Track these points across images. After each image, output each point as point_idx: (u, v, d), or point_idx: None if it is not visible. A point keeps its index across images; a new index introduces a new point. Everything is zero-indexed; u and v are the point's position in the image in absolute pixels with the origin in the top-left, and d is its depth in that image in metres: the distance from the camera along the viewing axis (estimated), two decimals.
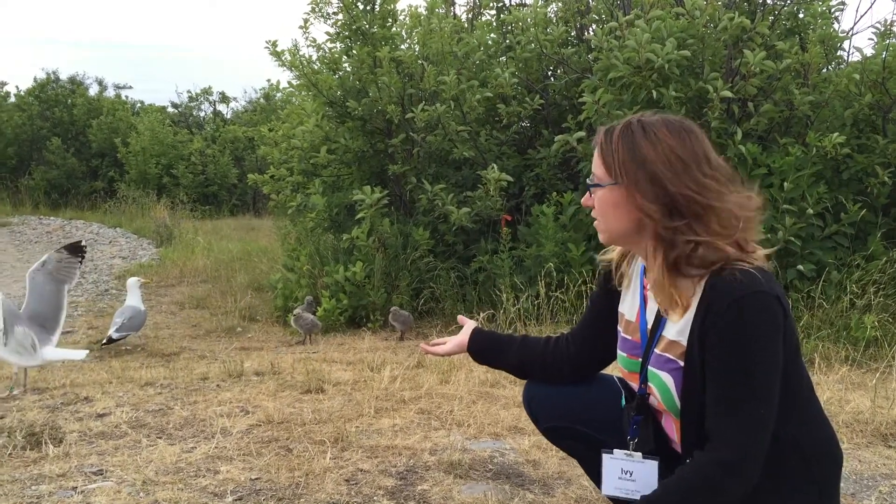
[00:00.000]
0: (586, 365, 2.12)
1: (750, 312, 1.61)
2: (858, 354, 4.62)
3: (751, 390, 1.63)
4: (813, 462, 1.75)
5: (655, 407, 1.86)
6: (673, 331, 1.76)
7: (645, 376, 1.84)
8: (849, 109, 5.53)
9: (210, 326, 6.71)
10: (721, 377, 1.65)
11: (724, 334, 1.63)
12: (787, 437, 1.70)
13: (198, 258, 9.94)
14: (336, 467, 2.97)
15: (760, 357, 1.62)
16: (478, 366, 4.43)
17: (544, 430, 2.18)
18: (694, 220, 1.68)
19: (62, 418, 3.66)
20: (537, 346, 2.16)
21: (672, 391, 1.77)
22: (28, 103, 17.96)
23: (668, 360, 1.77)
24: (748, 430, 1.63)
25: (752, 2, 6.30)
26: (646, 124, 1.74)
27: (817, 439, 1.77)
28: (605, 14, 6.91)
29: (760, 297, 1.62)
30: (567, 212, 5.98)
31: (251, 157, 16.89)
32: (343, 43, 7.23)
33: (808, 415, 1.78)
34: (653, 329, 1.83)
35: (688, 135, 1.73)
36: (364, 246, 6.36)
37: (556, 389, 2.13)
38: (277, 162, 8.01)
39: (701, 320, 1.67)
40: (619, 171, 1.73)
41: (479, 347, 2.24)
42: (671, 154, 1.69)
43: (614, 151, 1.74)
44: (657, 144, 1.70)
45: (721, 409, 1.65)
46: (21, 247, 12.17)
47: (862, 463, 3.09)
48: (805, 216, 5.18)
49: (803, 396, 1.77)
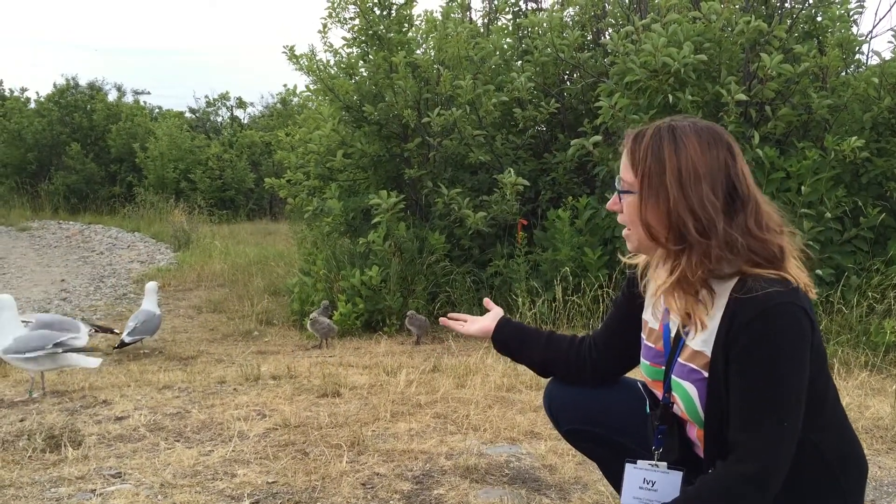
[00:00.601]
0: (609, 369, 2.10)
1: (776, 323, 1.59)
2: (878, 360, 4.58)
3: (776, 403, 1.60)
4: (837, 469, 1.73)
5: (679, 416, 1.84)
6: (698, 341, 1.73)
7: (669, 385, 1.82)
8: (868, 113, 5.48)
9: (227, 330, 6.75)
10: (746, 389, 1.62)
11: (750, 345, 1.60)
12: (809, 444, 1.68)
13: (215, 262, 10.00)
14: (352, 471, 2.98)
15: (786, 369, 1.59)
16: (494, 370, 4.45)
17: (565, 433, 2.17)
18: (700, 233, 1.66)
19: (81, 421, 3.69)
20: (562, 344, 2.14)
21: (696, 401, 1.74)
22: (48, 109, 18.13)
23: (693, 370, 1.74)
24: (772, 442, 1.60)
25: (769, 5, 6.27)
26: (676, 130, 1.72)
27: (840, 447, 1.75)
28: (622, 18, 6.90)
29: (787, 307, 1.59)
30: (583, 216, 5.97)
31: (268, 162, 16.97)
32: (360, 48, 7.26)
33: (834, 423, 1.76)
34: (676, 338, 1.80)
35: (717, 146, 1.70)
36: (380, 250, 6.38)
37: (578, 392, 2.12)
38: (294, 166, 8.04)
39: (726, 330, 1.65)
40: (644, 180, 1.72)
41: (505, 338, 2.21)
42: (690, 165, 1.67)
43: (642, 159, 1.73)
44: (682, 153, 1.68)
45: (745, 420, 1.62)
46: (41, 251, 12.28)
47: (882, 469, 3.07)
48: (823, 220, 5.15)
49: (828, 404, 1.74)
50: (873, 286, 5.02)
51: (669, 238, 1.71)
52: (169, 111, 19.26)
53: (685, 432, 1.88)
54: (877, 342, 4.73)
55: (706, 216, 1.65)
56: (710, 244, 1.65)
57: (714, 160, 1.68)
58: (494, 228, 6.38)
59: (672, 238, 1.70)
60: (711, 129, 1.73)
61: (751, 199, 1.69)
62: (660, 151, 1.70)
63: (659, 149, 1.70)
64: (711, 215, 1.65)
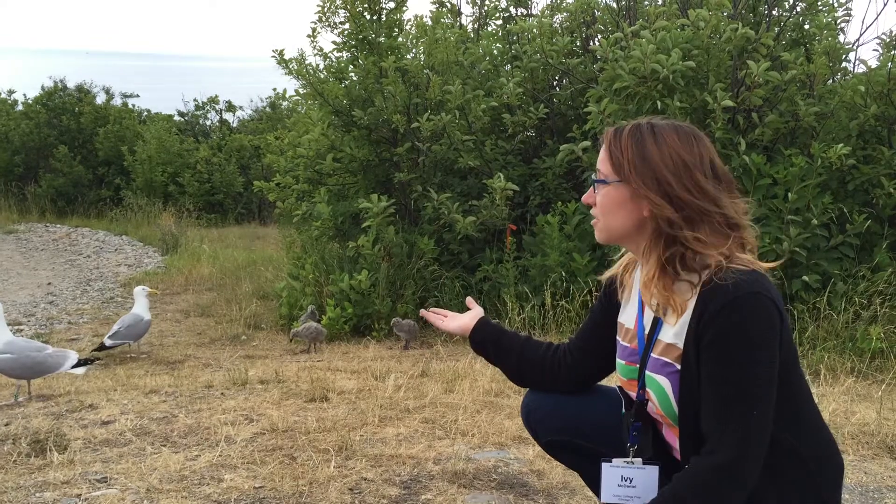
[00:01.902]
0: (585, 375, 2.11)
1: (745, 313, 1.62)
2: (864, 366, 4.61)
3: (745, 391, 1.62)
4: (813, 468, 1.74)
5: (654, 415, 1.86)
6: (670, 334, 1.76)
7: (643, 382, 1.84)
8: (854, 120, 5.53)
9: (215, 334, 6.72)
10: (716, 378, 1.64)
11: (719, 335, 1.63)
12: (785, 443, 1.70)
13: (203, 266, 9.96)
14: (340, 476, 2.97)
15: (755, 358, 1.62)
16: (482, 375, 4.45)
17: (544, 444, 2.17)
18: (690, 222, 1.70)
19: (67, 425, 3.67)
20: (538, 350, 2.15)
21: (670, 396, 1.76)
22: (35, 111, 18.02)
23: (666, 363, 1.77)
24: (743, 432, 1.61)
25: (757, 13, 6.32)
26: (655, 126, 1.78)
27: (816, 445, 1.77)
28: (611, 25, 6.93)
29: (756, 297, 1.62)
30: (572, 221, 5.98)
31: (257, 166, 16.92)
32: (349, 52, 7.26)
33: (807, 419, 1.77)
34: (650, 333, 1.83)
35: (695, 140, 1.76)
36: (369, 254, 6.37)
37: (555, 402, 2.12)
38: (283, 170, 8.03)
39: (696, 322, 1.67)
40: (627, 170, 1.76)
41: (482, 338, 2.21)
42: (676, 156, 1.73)
43: (623, 150, 1.78)
44: (663, 146, 1.74)
45: (716, 410, 1.64)
46: (27, 254, 12.20)
47: (868, 475, 3.08)
48: (810, 227, 5.18)
49: (801, 402, 1.76)
50: (859, 292, 5.05)
51: (658, 226, 1.74)
52: (158, 114, 19.16)
53: (660, 433, 1.90)
54: (863, 348, 4.76)
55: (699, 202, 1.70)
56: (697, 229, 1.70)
57: (694, 152, 1.74)
58: (483, 233, 6.38)
59: (660, 226, 1.74)
60: (688, 126, 1.81)
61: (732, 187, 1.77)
62: (642, 143, 1.76)
63: (641, 141, 1.76)
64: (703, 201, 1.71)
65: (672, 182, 1.71)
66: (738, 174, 5.31)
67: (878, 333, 4.75)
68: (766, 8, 6.25)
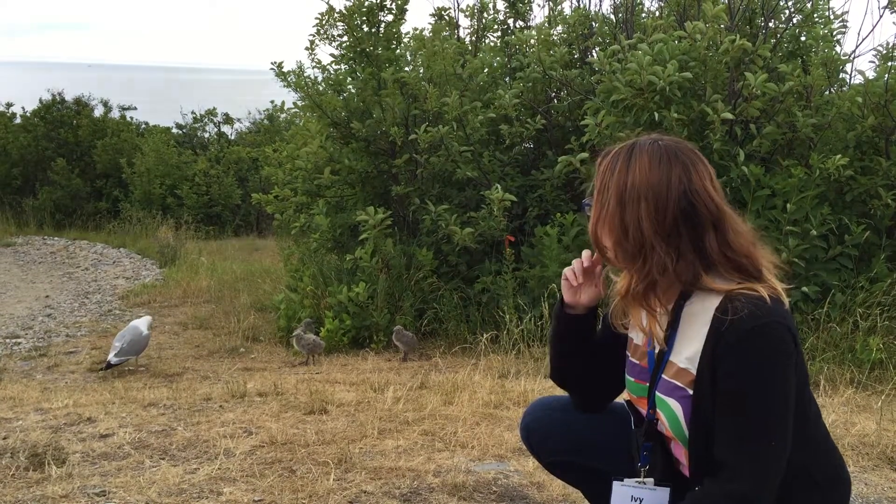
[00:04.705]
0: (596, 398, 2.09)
1: (763, 344, 1.60)
2: (864, 377, 4.61)
3: (765, 423, 1.61)
4: (822, 487, 1.74)
5: (664, 433, 1.84)
6: (682, 358, 1.74)
7: (653, 402, 1.82)
8: (852, 132, 5.55)
9: (213, 347, 6.71)
10: (734, 409, 1.63)
11: (738, 366, 1.61)
12: (795, 462, 1.68)
13: (201, 278, 9.95)
14: (339, 489, 2.96)
15: (775, 390, 1.60)
16: (481, 387, 4.44)
17: (547, 465, 2.16)
18: (637, 254, 1.71)
19: (65, 439, 3.65)
20: None
21: (680, 419, 1.75)
22: (34, 124, 18.02)
23: (677, 387, 1.75)
24: (763, 462, 1.60)
25: (753, 25, 6.34)
26: (636, 149, 1.75)
27: (826, 464, 1.76)
28: (608, 37, 6.96)
29: (773, 327, 1.61)
30: (570, 233, 5.98)
31: (255, 178, 16.93)
32: (348, 64, 7.28)
33: (816, 440, 1.77)
34: (660, 354, 1.81)
35: (670, 164, 1.71)
36: (367, 266, 6.37)
37: (555, 422, 2.10)
38: (281, 182, 8.04)
39: (711, 349, 1.65)
40: (597, 194, 1.78)
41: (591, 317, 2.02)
42: (633, 183, 1.71)
43: (602, 173, 1.78)
44: (630, 171, 1.72)
45: (733, 441, 1.63)
46: (25, 267, 12.18)
47: (868, 486, 3.08)
48: (809, 238, 5.19)
49: (811, 421, 1.76)
50: (858, 303, 5.05)
51: (615, 253, 1.76)
52: (156, 127, 19.18)
53: (669, 450, 1.88)
54: (862, 359, 4.76)
55: (638, 234, 1.69)
56: (647, 262, 1.70)
57: (662, 179, 1.69)
58: (482, 245, 6.38)
59: (618, 253, 1.75)
60: (672, 147, 1.74)
61: (719, 215, 1.71)
62: (614, 168, 1.75)
63: (614, 165, 1.75)
64: (646, 235, 1.68)
65: (614, 208, 1.72)
66: (736, 185, 5.32)
67: (878, 344, 4.75)
68: (762, 20, 6.28)
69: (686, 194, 1.68)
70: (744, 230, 1.74)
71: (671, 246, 1.69)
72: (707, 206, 1.69)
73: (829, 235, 5.32)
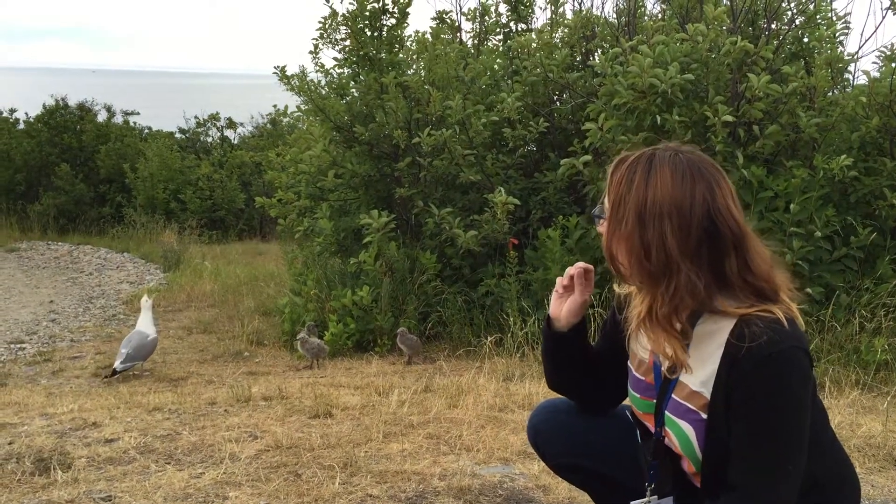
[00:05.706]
0: (599, 402, 2.07)
1: (781, 370, 1.57)
2: (869, 378, 4.60)
3: (783, 448, 1.59)
4: (832, 494, 1.73)
5: (672, 449, 1.80)
6: (696, 381, 1.69)
7: (661, 420, 1.78)
8: (856, 132, 5.54)
9: (217, 351, 6.71)
10: (751, 435, 1.60)
11: (754, 393, 1.58)
12: (808, 473, 1.66)
13: (205, 283, 9.96)
14: (345, 493, 2.96)
15: (793, 415, 1.58)
16: (486, 390, 4.44)
17: (553, 466, 2.15)
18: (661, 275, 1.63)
19: (70, 444, 3.65)
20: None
21: (693, 442, 1.71)
22: (37, 130, 18.06)
23: (690, 410, 1.70)
24: (780, 486, 1.59)
25: (756, 27, 6.34)
26: (655, 161, 1.66)
27: (835, 471, 1.75)
28: (610, 39, 6.96)
29: (791, 353, 1.57)
30: (573, 235, 5.98)
31: (258, 182, 16.96)
32: (351, 68, 7.30)
33: (825, 447, 1.75)
34: (669, 370, 1.76)
35: (693, 181, 1.63)
36: (371, 270, 6.37)
37: (562, 424, 2.09)
38: (285, 186, 8.05)
39: (726, 375, 1.61)
40: (612, 208, 1.69)
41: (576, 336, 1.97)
42: (655, 199, 1.62)
43: (616, 185, 1.69)
44: (650, 186, 1.63)
45: (750, 466, 1.60)
46: (29, 272, 12.20)
47: (874, 488, 3.07)
48: (813, 239, 5.18)
49: (820, 429, 1.73)
50: (863, 304, 5.04)
51: (633, 272, 1.68)
52: (159, 131, 19.22)
53: (678, 464, 1.84)
54: (867, 360, 4.75)
55: (663, 255, 1.61)
56: (672, 283, 1.62)
57: (686, 196, 1.61)
58: (485, 248, 6.38)
59: (635, 272, 1.67)
60: (695, 161, 1.66)
61: (741, 236, 1.64)
62: (631, 181, 1.66)
63: (631, 178, 1.66)
64: (671, 255, 1.61)
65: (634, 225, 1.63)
66: (738, 187, 5.32)
67: (883, 345, 4.74)
68: (764, 21, 6.27)
69: (710, 213, 1.61)
70: (764, 252, 1.67)
71: (697, 266, 1.61)
72: (730, 227, 1.62)
73: (833, 237, 5.31)
